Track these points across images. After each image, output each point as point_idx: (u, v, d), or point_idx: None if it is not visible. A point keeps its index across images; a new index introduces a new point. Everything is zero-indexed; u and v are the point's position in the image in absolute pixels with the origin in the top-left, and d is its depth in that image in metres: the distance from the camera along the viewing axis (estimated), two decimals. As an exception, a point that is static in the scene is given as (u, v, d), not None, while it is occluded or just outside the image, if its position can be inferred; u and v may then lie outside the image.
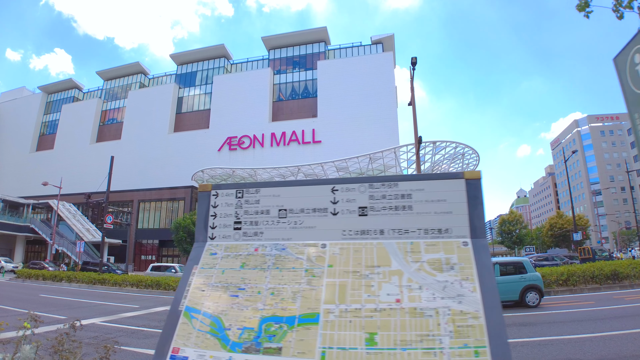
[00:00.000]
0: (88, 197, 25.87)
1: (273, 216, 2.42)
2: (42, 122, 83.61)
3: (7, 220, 56.74)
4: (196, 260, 2.40)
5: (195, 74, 71.23)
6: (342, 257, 2.18)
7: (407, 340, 1.76)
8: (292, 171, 47.50)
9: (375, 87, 58.21)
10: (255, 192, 2.52)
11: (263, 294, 2.12)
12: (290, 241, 2.35)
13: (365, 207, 2.30)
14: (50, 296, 16.91)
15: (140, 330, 9.45)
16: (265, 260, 2.29)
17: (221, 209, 2.52)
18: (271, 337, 1.93)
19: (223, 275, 2.27)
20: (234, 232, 2.45)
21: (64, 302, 14.82)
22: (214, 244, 2.45)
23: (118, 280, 21.24)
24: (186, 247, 46.21)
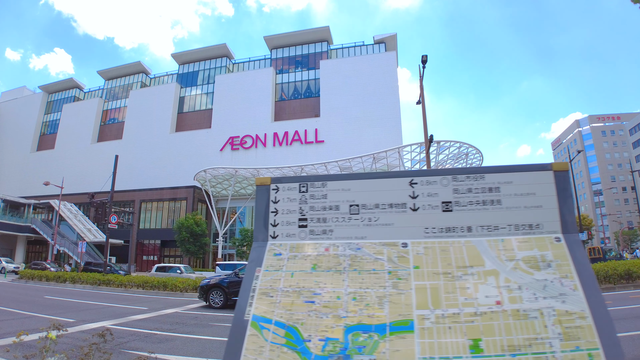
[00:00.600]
0: (92, 196, 25.53)
1: (343, 212, 2.20)
2: (42, 121, 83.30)
3: (7, 220, 56.50)
4: (258, 262, 2.16)
5: (197, 73, 70.96)
6: (428, 258, 1.97)
7: (514, 345, 1.61)
8: (295, 171, 47.22)
9: (378, 87, 57.98)
10: (322, 186, 2.29)
11: (343, 299, 1.90)
12: (365, 240, 2.12)
13: (449, 202, 2.09)
14: (56, 298, 16.60)
15: (153, 334, 9.15)
16: (339, 261, 2.06)
17: (283, 205, 2.28)
18: (361, 348, 1.72)
19: (293, 278, 2.04)
20: (299, 230, 2.22)
21: (70, 304, 14.51)
22: (276, 243, 2.21)
23: (123, 281, 20.91)
24: (188, 247, 45.97)
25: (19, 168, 78.73)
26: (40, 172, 71.32)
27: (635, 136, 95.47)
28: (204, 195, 54.24)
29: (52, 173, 62.75)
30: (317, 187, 2.29)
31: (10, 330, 8.86)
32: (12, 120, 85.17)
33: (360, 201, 2.20)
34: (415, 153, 45.85)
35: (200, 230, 46.46)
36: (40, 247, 65.04)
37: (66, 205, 56.40)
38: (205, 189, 53.17)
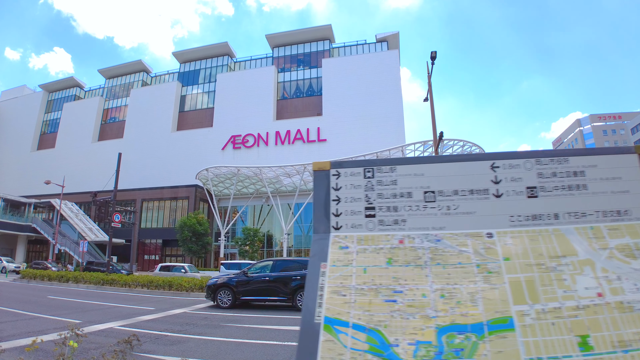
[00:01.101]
0: (94, 195, 25.24)
1: (417, 200, 1.96)
2: (43, 120, 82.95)
3: (8, 220, 56.20)
4: (322, 257, 1.91)
5: (199, 72, 70.65)
6: (517, 248, 1.79)
7: (625, 340, 1.47)
8: (298, 169, 46.94)
9: (381, 85, 57.67)
10: (390, 171, 2.04)
11: (430, 296, 1.68)
12: (444, 231, 1.89)
13: (534, 187, 1.91)
14: (59, 298, 16.28)
15: (164, 335, 8.83)
16: (418, 254, 1.83)
17: (346, 192, 2.05)
18: (458, 351, 1.52)
19: (366, 274, 1.80)
20: (367, 221, 1.98)
21: (74, 305, 14.20)
22: (340, 235, 1.97)
23: (128, 280, 20.57)
24: (191, 246, 45.69)
25: (20, 167, 78.34)
26: (41, 171, 70.86)
27: (637, 135, 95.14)
28: (205, 195, 54.01)
29: (53, 172, 62.31)
30: (385, 172, 2.05)
31: (15, 333, 8.53)
32: (13, 119, 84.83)
33: (436, 187, 1.97)
34: (419, 152, 45.52)
35: (203, 230, 46.20)
36: (41, 247, 64.75)
37: (67, 204, 56.09)
38: (207, 188, 52.92)
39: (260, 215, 56.99)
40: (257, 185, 53.64)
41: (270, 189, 49.92)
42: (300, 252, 53.02)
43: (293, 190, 52.04)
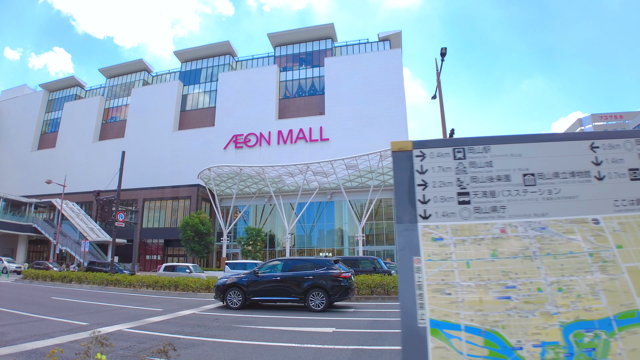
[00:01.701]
0: (97, 194, 24.90)
1: (516, 184, 1.77)
2: (43, 120, 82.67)
3: (9, 220, 55.90)
4: (413, 250, 1.68)
5: (200, 71, 70.35)
6: (627, 235, 1.62)
7: None
8: (301, 169, 46.67)
9: (384, 84, 57.37)
10: (484, 151, 1.82)
11: (546, 291, 1.53)
12: (548, 217, 1.70)
13: (636, 169, 1.78)
14: (64, 299, 15.96)
15: (177, 338, 8.52)
16: (524, 244, 1.63)
17: (433, 176, 1.82)
18: (590, 351, 1.37)
19: (469, 269, 1.61)
20: (460, 208, 1.76)
21: (80, 306, 13.88)
22: (431, 225, 1.74)
23: (132, 281, 20.24)
24: (193, 246, 45.47)
25: (20, 167, 78.07)
26: (42, 171, 70.67)
27: None
28: (207, 194, 53.77)
29: (54, 172, 62.06)
30: (478, 152, 1.84)
31: (19, 336, 8.19)
32: (13, 119, 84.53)
33: (535, 169, 1.78)
34: (422, 151, 45.22)
35: (205, 229, 46.03)
36: (42, 247, 64.47)
37: (68, 204, 55.83)
38: (210, 188, 52.68)
39: (262, 215, 56.72)
40: (259, 184, 53.37)
41: (273, 188, 49.61)
42: (302, 252, 52.79)
43: (295, 190, 51.77)
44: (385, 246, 51.20)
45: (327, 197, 52.50)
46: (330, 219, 53.73)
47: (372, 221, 51.02)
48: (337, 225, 53.69)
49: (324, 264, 13.63)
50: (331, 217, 53.76)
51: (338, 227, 53.77)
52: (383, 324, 10.59)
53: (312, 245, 53.66)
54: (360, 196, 50.80)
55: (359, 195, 50.90)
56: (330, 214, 53.78)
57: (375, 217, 51.88)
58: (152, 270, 50.54)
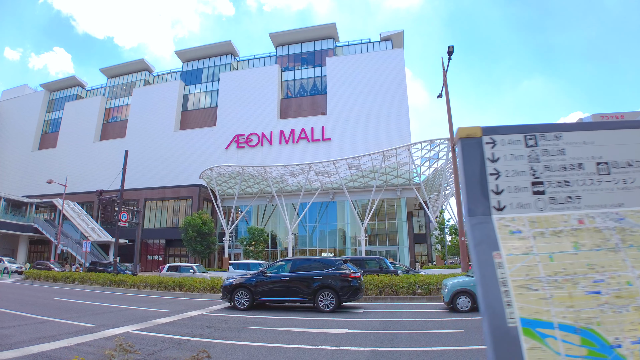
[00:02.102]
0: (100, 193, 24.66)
1: (590, 172, 1.68)
2: (44, 120, 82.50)
3: (9, 220, 55.64)
4: (492, 244, 1.56)
5: (201, 71, 70.14)
6: None
7: None
8: (303, 169, 46.47)
9: (386, 84, 57.20)
10: (556, 138, 1.70)
11: (636, 284, 1.44)
12: (624, 208, 1.62)
13: None
14: (67, 300, 15.73)
15: (187, 340, 8.29)
16: (605, 236, 1.55)
17: (506, 164, 1.69)
18: None
19: (554, 263, 1.51)
20: (535, 198, 1.64)
21: (84, 307, 13.65)
22: (506, 217, 1.62)
23: (136, 281, 19.99)
24: (195, 246, 45.27)
25: (21, 167, 77.90)
26: (42, 171, 70.46)
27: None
28: (209, 194, 53.57)
29: (54, 172, 61.86)
30: (550, 139, 1.72)
31: (24, 338, 7.95)
32: (14, 119, 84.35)
33: (608, 158, 1.69)
34: (425, 150, 44.93)
35: (208, 229, 45.83)
36: (43, 247, 64.26)
37: (69, 204, 55.60)
38: (211, 188, 52.50)
39: (264, 215, 56.51)
40: (261, 184, 53.14)
41: (275, 188, 49.38)
42: (304, 252, 52.60)
43: (297, 190, 51.59)
44: (387, 246, 50.97)
45: (330, 197, 52.27)
46: (333, 219, 53.49)
47: (374, 221, 50.78)
48: (339, 225, 53.46)
49: (332, 264, 13.41)
50: (333, 217, 53.53)
51: (340, 227, 53.54)
52: (396, 325, 10.36)
53: (314, 245, 53.43)
54: (362, 196, 50.60)
55: (361, 195, 50.70)
56: (332, 214, 53.54)
57: (378, 217, 51.63)
58: (154, 270, 50.30)
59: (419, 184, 48.44)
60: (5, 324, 9.50)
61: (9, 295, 17.01)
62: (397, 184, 50.38)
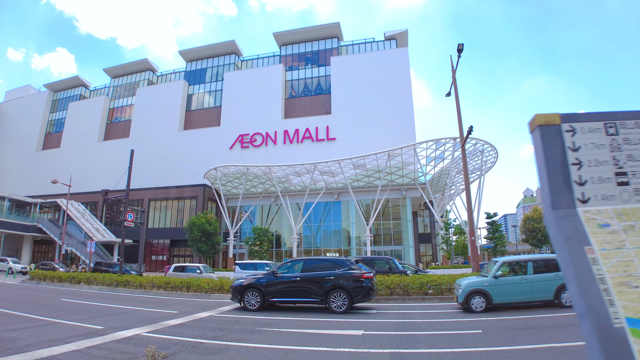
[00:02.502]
0: (105, 193, 24.45)
1: None
2: (48, 120, 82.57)
3: (14, 220, 55.60)
4: (582, 238, 1.46)
5: (205, 70, 70.02)
6: None
7: None
8: (308, 168, 46.23)
9: (391, 83, 56.92)
10: (637, 127, 1.61)
11: None
12: None
13: None
14: (74, 300, 15.51)
15: (200, 343, 8.07)
16: None
17: (587, 154, 1.59)
18: None
19: None
20: (620, 190, 1.56)
21: (91, 308, 13.44)
22: (592, 209, 1.53)
23: (143, 282, 19.75)
24: (200, 246, 45.14)
25: (24, 167, 77.92)
26: (46, 171, 70.47)
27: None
28: (214, 194, 53.45)
29: (58, 172, 61.82)
30: (631, 127, 1.63)
31: (33, 342, 7.71)
32: (17, 119, 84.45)
33: None
34: (430, 150, 44.62)
35: (212, 229, 45.69)
36: (47, 247, 64.28)
37: (73, 204, 55.54)
38: (216, 188, 52.38)
39: (268, 215, 56.30)
40: (265, 184, 52.96)
41: (279, 188, 49.14)
42: (309, 252, 52.39)
43: (302, 190, 51.40)
44: (392, 246, 50.70)
45: (334, 197, 52.02)
46: (337, 219, 53.23)
47: (379, 221, 50.49)
48: (343, 225, 53.18)
49: (344, 264, 13.17)
50: (338, 217, 53.26)
51: (345, 227, 53.26)
52: (412, 326, 10.14)
53: (318, 245, 53.19)
54: (367, 196, 50.37)
55: (366, 195, 50.47)
56: (337, 214, 53.28)
57: (382, 217, 51.35)
58: (159, 270, 50.23)
59: (424, 184, 48.17)
60: (12, 325, 9.28)
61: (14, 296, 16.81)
62: (402, 184, 50.10)
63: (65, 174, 55.19)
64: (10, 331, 8.54)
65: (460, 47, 19.39)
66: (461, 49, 19.40)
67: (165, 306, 14.24)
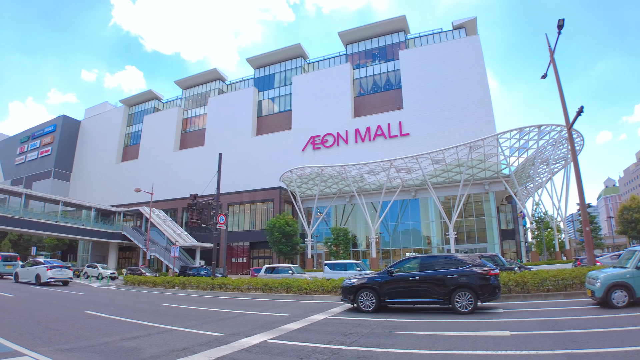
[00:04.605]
0: (194, 197, 24.56)
1: None
2: (125, 133, 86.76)
3: (100, 228, 58.30)
4: None
5: (273, 76, 70.71)
6: None
7: None
8: (384, 166, 45.02)
9: (464, 73, 54.52)
10: None
11: None
12: None
13: None
14: (177, 305, 15.22)
15: (339, 349, 7.22)
16: None
17: None
18: None
19: None
20: None
21: (198, 313, 13.01)
22: None
23: (240, 284, 19.43)
24: (281, 247, 45.28)
25: (106, 178, 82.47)
26: (126, 182, 74.07)
27: None
28: (289, 196, 53.48)
29: (137, 182, 64.25)
30: None
31: (158, 352, 6.97)
32: (97, 134, 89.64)
33: None
34: (514, 140, 42.00)
35: (292, 231, 45.75)
36: (130, 253, 67.03)
37: (155, 211, 57.44)
38: (292, 190, 52.34)
39: (343, 215, 55.58)
40: (340, 184, 52.29)
41: (354, 187, 48.19)
42: (387, 253, 51.18)
43: (377, 189, 50.31)
44: (476, 244, 48.33)
45: (411, 194, 50.44)
46: (416, 218, 51.53)
47: (460, 218, 48.15)
48: (422, 223, 51.36)
49: (466, 261, 11.99)
50: (416, 216, 51.56)
51: (424, 226, 51.43)
52: (557, 325, 8.86)
53: (396, 245, 51.71)
54: (447, 192, 48.51)
55: (446, 191, 48.63)
56: (415, 212, 51.59)
57: (464, 214, 49.10)
58: (240, 272, 50.89)
59: (507, 176, 45.64)
60: (129, 334, 8.80)
61: (116, 302, 16.83)
62: (484, 177, 47.72)
63: (143, 183, 57.21)
64: (128, 340, 8.07)
65: (560, 23, 17.63)
66: (561, 24, 17.63)
67: (271, 309, 13.65)
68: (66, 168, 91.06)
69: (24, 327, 9.14)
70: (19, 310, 12.47)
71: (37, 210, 55.42)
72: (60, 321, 10.37)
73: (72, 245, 71.54)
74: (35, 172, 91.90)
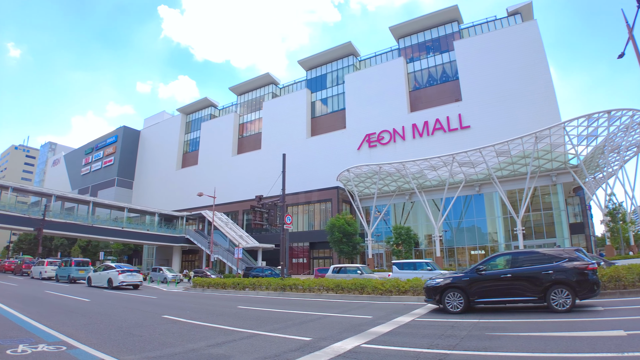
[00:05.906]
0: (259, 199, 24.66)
1: None
2: (184, 141, 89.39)
3: (164, 232, 60.06)
4: None
5: (325, 76, 70.57)
6: None
7: None
8: (445, 161, 43.62)
9: (523, 60, 52.05)
10: None
11: None
12: None
13: None
14: (252, 308, 15.02)
15: (445, 354, 6.68)
16: None
17: None
18: None
19: None
20: None
21: (277, 315, 12.71)
22: None
23: (312, 285, 19.19)
24: (342, 247, 44.91)
25: (167, 184, 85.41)
26: (186, 187, 76.33)
27: None
28: (347, 196, 53.01)
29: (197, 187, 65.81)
30: None
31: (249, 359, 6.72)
32: (157, 143, 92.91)
33: None
34: (582, 127, 39.61)
35: (352, 230, 45.30)
36: (193, 256, 68.78)
37: (216, 214, 58.56)
38: (349, 189, 51.83)
39: (402, 214, 54.47)
40: (398, 182, 51.22)
41: (414, 184, 46.95)
42: (451, 251, 49.55)
43: (438, 185, 48.99)
44: (544, 239, 45.76)
45: (475, 189, 48.68)
46: (480, 214, 49.48)
47: (527, 213, 45.76)
48: (488, 219, 49.31)
49: (563, 255, 11.09)
50: (481, 211, 49.52)
51: (489, 222, 49.37)
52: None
53: (460, 243, 49.88)
54: (512, 185, 46.47)
55: (511, 185, 46.59)
56: (479, 208, 49.58)
57: (531, 208, 46.74)
58: (301, 273, 50.94)
59: (576, 166, 43.22)
60: (213, 339, 8.48)
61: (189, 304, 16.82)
62: (551, 169, 45.37)
63: (203, 188, 58.41)
64: (214, 346, 7.77)
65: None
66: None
67: (350, 310, 13.24)
68: (128, 176, 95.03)
69: (105, 333, 9.05)
70: (97, 314, 12.59)
71: (103, 218, 57.89)
72: (140, 326, 10.27)
73: (137, 250, 74.39)
74: (100, 181, 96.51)
